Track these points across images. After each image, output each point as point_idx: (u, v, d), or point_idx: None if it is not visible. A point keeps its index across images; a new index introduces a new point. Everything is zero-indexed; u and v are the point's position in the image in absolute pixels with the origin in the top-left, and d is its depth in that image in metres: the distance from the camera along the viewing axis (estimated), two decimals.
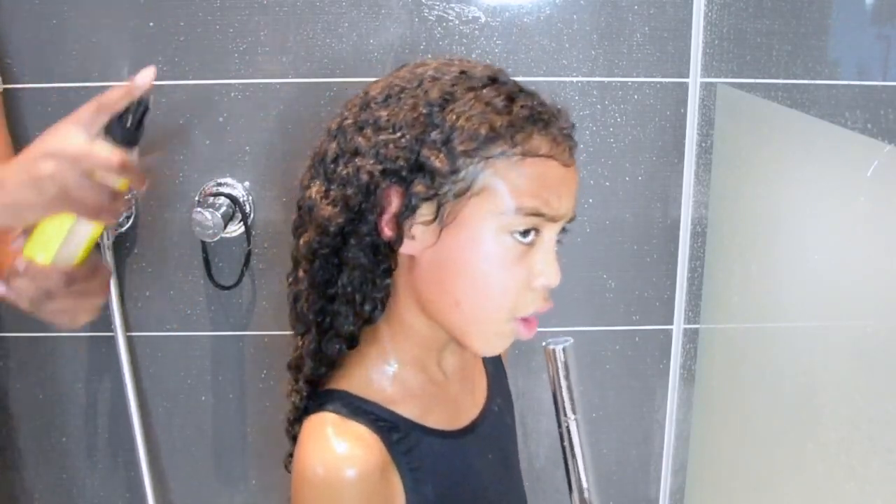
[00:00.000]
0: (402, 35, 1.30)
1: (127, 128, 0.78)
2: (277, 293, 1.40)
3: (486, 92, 0.71)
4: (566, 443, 0.84)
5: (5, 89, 1.22)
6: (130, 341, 1.40)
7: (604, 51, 1.32)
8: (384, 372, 0.78)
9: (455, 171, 0.69)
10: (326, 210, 0.73)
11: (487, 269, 0.71)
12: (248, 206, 1.35)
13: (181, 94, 1.31)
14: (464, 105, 0.70)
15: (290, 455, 0.82)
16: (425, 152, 0.69)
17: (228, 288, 1.37)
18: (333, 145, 0.74)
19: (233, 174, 1.35)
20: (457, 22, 1.30)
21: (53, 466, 1.48)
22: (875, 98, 1.33)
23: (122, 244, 1.37)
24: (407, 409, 0.77)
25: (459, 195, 0.70)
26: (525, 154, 0.70)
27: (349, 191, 0.71)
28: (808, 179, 1.02)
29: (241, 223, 1.34)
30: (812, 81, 1.31)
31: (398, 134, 0.70)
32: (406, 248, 0.73)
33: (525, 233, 0.71)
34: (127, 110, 0.78)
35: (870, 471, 0.84)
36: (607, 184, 1.37)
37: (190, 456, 1.48)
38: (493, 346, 0.76)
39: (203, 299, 1.40)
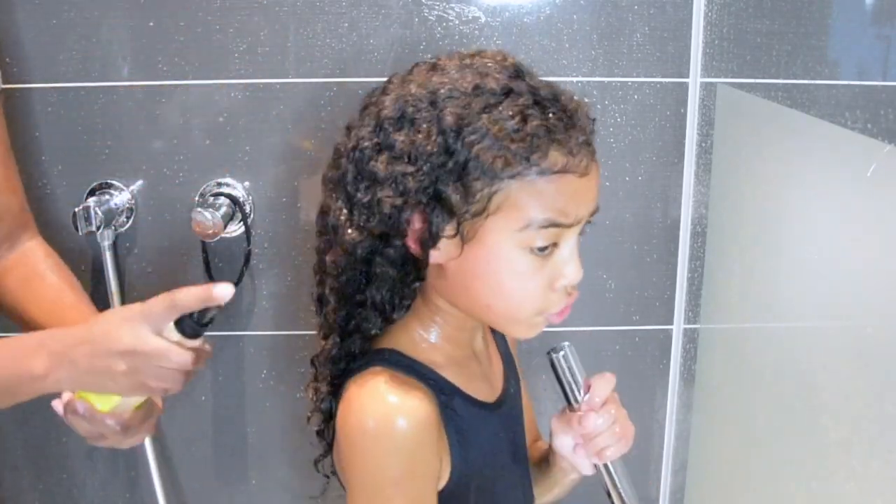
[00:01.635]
0: (402, 35, 1.30)
1: (198, 325, 0.80)
2: (277, 293, 1.40)
3: (501, 111, 0.70)
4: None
5: (4, 89, 1.22)
6: None
7: (604, 51, 1.32)
8: (427, 339, 0.81)
9: (472, 196, 0.70)
10: (352, 235, 0.74)
11: (509, 281, 0.74)
12: (248, 206, 1.35)
13: (181, 94, 1.31)
14: (478, 131, 0.70)
15: (323, 455, 0.85)
16: (442, 184, 0.71)
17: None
18: (352, 167, 0.75)
19: (233, 174, 1.35)
20: (457, 22, 1.30)
21: (53, 466, 1.48)
22: (875, 98, 1.33)
23: (122, 244, 1.37)
24: (450, 375, 0.80)
25: (477, 214, 0.71)
26: (541, 173, 0.71)
27: (373, 219, 0.73)
28: (808, 179, 1.02)
29: (241, 223, 1.34)
30: (812, 81, 1.31)
31: (415, 167, 0.71)
32: (433, 259, 0.75)
33: (543, 248, 0.73)
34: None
35: (870, 471, 0.84)
36: (607, 184, 1.37)
37: (190, 456, 1.48)
38: (529, 334, 0.79)
39: None
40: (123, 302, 1.38)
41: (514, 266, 0.73)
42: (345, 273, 0.77)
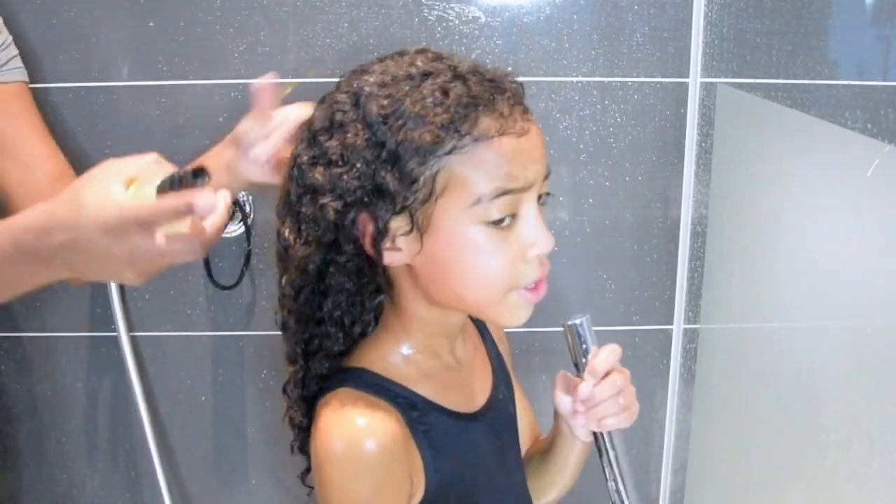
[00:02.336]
0: (402, 35, 1.30)
1: (179, 182, 0.68)
2: (277, 293, 1.39)
3: (422, 91, 0.70)
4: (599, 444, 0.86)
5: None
6: (131, 341, 1.40)
7: (604, 51, 1.32)
8: (400, 354, 0.79)
9: (413, 182, 0.70)
10: (301, 250, 0.74)
11: (475, 260, 0.72)
12: (248, 206, 1.35)
13: (181, 94, 1.31)
14: (402, 115, 0.69)
15: (307, 470, 0.84)
16: (379, 176, 0.70)
17: (228, 288, 1.37)
18: (294, 185, 0.75)
19: None
20: (457, 22, 1.30)
21: (53, 466, 1.48)
22: (875, 98, 1.33)
23: None
24: (424, 389, 0.78)
25: (425, 201, 0.70)
26: (476, 140, 0.69)
27: (319, 229, 0.73)
28: (808, 179, 1.02)
29: (241, 223, 1.34)
30: (812, 81, 1.31)
31: (349, 166, 0.70)
32: (397, 260, 0.74)
33: (500, 220, 0.71)
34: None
35: (870, 471, 0.84)
36: (607, 184, 1.37)
37: (190, 456, 1.48)
38: (516, 317, 0.77)
39: (203, 299, 1.40)
40: (124, 302, 1.38)
41: (475, 245, 0.71)
42: (301, 293, 0.76)
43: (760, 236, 1.17)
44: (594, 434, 0.85)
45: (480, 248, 0.72)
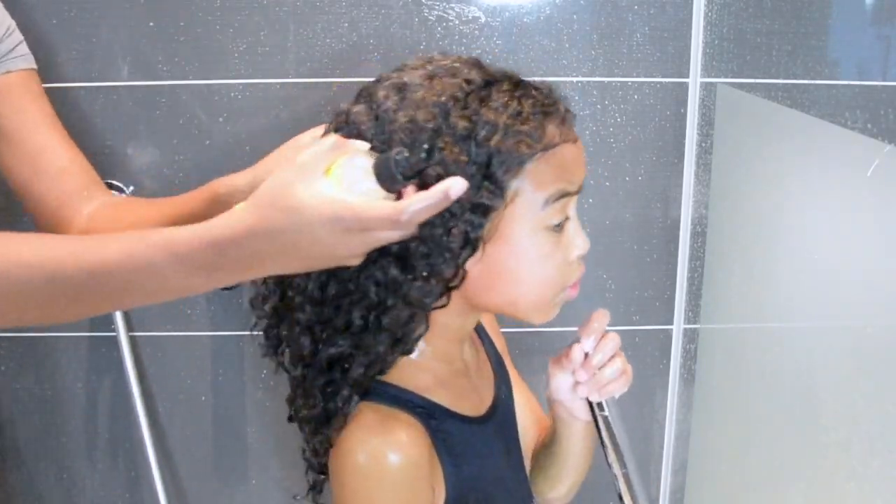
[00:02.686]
0: (402, 35, 1.30)
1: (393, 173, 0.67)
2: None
3: (495, 100, 0.70)
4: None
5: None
6: (131, 341, 1.40)
7: (604, 51, 1.32)
8: (416, 363, 0.78)
9: (504, 192, 0.70)
10: (423, 287, 0.71)
11: (533, 268, 0.74)
12: None
13: (181, 94, 1.31)
14: (486, 126, 0.69)
15: (315, 488, 0.83)
16: (476, 191, 0.69)
17: (229, 288, 1.36)
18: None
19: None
20: (457, 22, 1.30)
21: (53, 466, 1.48)
22: (875, 98, 1.32)
23: None
24: (440, 397, 0.78)
25: (497, 210, 0.71)
26: (545, 149, 0.71)
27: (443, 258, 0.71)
28: (808, 179, 1.02)
29: None
30: (812, 81, 1.31)
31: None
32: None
33: (559, 224, 0.73)
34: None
35: (870, 471, 0.84)
36: (607, 184, 1.37)
37: (190, 456, 1.48)
38: (550, 316, 0.79)
39: (203, 299, 1.40)
40: None
41: (539, 250, 0.73)
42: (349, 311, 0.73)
43: (760, 236, 1.17)
44: (592, 411, 0.85)
45: (541, 254, 0.73)
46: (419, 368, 0.78)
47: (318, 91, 1.31)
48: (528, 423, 0.95)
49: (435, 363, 0.80)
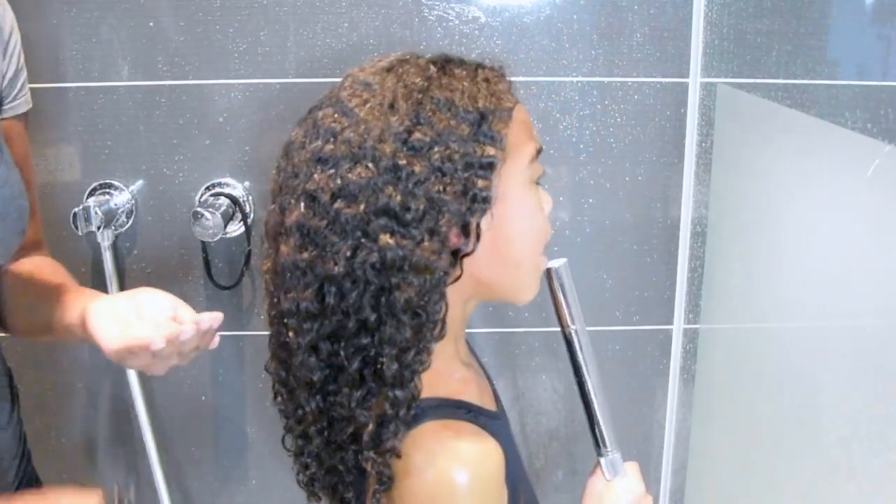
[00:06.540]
0: (402, 35, 1.30)
1: None
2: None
3: (463, 75, 0.73)
4: (570, 351, 0.85)
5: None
6: None
7: (604, 51, 1.32)
8: (438, 371, 0.74)
9: (502, 142, 0.72)
10: (435, 259, 0.69)
11: (532, 220, 0.76)
12: (248, 206, 1.35)
13: (181, 94, 1.31)
14: (465, 92, 0.71)
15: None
16: (481, 148, 0.71)
17: (228, 288, 1.37)
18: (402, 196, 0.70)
19: (233, 174, 1.35)
20: (457, 22, 1.30)
21: (53, 466, 1.48)
22: (875, 98, 1.32)
23: (122, 244, 1.37)
24: (469, 396, 0.78)
25: (498, 166, 0.72)
26: (512, 106, 0.74)
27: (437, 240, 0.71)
28: (808, 179, 1.02)
29: (241, 223, 1.34)
30: (812, 81, 1.31)
31: (449, 146, 0.69)
32: (476, 244, 0.72)
33: (537, 181, 0.76)
34: None
35: (870, 471, 0.84)
36: (607, 184, 1.37)
37: (190, 456, 1.48)
38: (537, 289, 0.79)
39: (203, 299, 1.40)
40: None
41: (534, 204, 0.75)
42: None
43: (760, 236, 1.17)
44: (566, 344, 0.84)
45: (535, 207, 0.76)
46: (446, 374, 0.76)
47: (318, 91, 1.31)
48: None
49: (455, 364, 0.79)
